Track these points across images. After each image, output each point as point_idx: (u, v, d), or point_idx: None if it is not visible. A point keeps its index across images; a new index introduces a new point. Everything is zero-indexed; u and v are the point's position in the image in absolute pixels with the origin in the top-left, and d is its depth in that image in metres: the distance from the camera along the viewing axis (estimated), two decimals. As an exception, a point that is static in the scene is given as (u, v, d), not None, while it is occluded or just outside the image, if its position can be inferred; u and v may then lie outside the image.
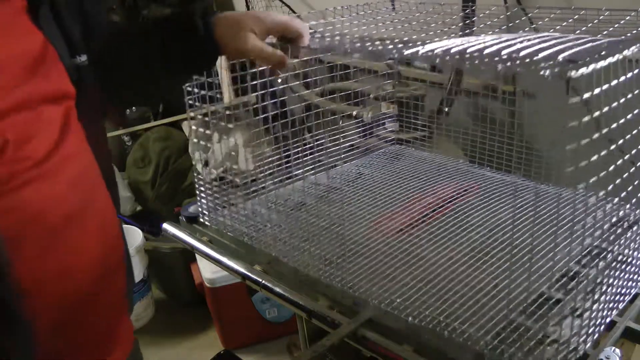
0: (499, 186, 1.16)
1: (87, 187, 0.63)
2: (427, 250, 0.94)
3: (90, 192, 0.63)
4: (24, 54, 0.58)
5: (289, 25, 0.78)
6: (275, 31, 0.77)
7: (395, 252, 0.95)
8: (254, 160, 1.03)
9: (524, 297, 0.82)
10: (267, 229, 1.00)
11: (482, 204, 1.08)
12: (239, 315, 2.09)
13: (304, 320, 1.01)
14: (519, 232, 0.98)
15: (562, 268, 0.89)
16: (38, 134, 0.56)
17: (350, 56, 1.11)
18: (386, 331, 0.82)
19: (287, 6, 2.17)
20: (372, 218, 1.06)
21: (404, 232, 1.01)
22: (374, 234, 1.01)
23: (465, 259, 0.91)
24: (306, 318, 0.92)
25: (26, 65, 0.57)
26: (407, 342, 0.79)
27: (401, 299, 0.83)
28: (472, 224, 1.02)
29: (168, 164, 2.61)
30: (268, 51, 0.75)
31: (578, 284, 0.85)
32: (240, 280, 0.99)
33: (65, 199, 0.58)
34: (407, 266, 0.90)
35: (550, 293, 0.84)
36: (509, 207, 1.07)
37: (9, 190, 0.52)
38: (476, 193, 1.13)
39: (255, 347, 2.12)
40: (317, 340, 0.83)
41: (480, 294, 0.83)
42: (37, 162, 0.55)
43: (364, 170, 1.28)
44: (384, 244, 0.97)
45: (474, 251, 0.93)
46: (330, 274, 0.90)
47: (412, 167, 1.30)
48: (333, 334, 0.83)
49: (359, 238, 0.99)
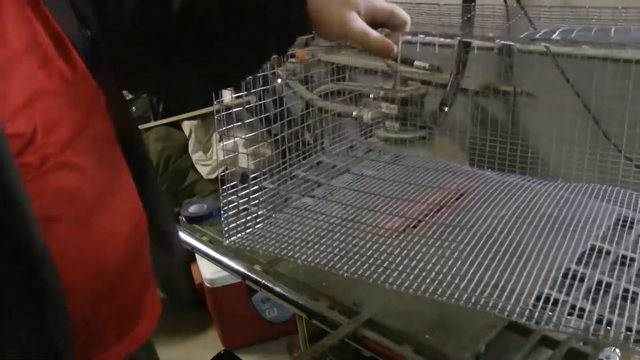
0: (499, 186, 1.16)
1: (114, 164, 0.65)
2: (427, 251, 0.94)
3: (116, 170, 0.65)
4: (38, 43, 0.59)
5: (395, 12, 0.68)
6: (382, 16, 0.68)
7: (395, 252, 0.94)
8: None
9: (524, 298, 0.82)
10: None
11: (482, 204, 1.08)
12: (239, 315, 2.09)
13: (304, 320, 1.02)
14: (519, 232, 0.98)
15: (562, 268, 0.89)
16: (65, 117, 0.58)
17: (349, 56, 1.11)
18: (386, 331, 0.82)
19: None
20: (372, 218, 1.06)
21: (404, 232, 1.01)
22: (373, 234, 1.01)
23: (466, 259, 0.91)
24: (306, 318, 0.92)
25: (44, 51, 0.58)
26: (407, 342, 0.79)
27: (401, 299, 0.83)
28: (472, 224, 1.01)
29: (168, 164, 2.61)
30: (376, 37, 0.64)
31: (578, 284, 0.85)
32: (240, 280, 0.99)
33: (94, 179, 0.60)
34: (407, 266, 0.90)
35: (550, 293, 0.83)
36: (509, 207, 1.07)
37: (41, 174, 0.54)
38: (476, 193, 1.13)
39: (255, 347, 2.12)
40: (317, 340, 0.83)
41: (480, 294, 0.83)
42: (66, 145, 0.57)
43: (363, 170, 1.28)
44: (384, 244, 0.97)
45: (473, 251, 0.93)
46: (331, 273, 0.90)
47: (412, 168, 1.30)
48: (333, 334, 0.83)
49: (359, 238, 0.98)
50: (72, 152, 0.58)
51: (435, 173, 1.23)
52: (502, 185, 1.16)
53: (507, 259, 0.89)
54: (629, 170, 1.09)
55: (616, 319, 0.72)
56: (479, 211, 1.06)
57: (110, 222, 0.61)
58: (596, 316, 0.74)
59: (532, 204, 1.07)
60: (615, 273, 0.86)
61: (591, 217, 1.02)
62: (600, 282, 0.82)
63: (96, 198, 0.60)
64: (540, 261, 0.90)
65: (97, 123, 0.63)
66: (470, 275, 0.81)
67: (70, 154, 0.58)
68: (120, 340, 0.68)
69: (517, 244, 0.94)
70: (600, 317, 0.76)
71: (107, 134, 0.65)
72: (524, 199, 1.09)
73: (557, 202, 1.08)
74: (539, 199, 1.09)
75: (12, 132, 0.51)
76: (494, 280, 0.80)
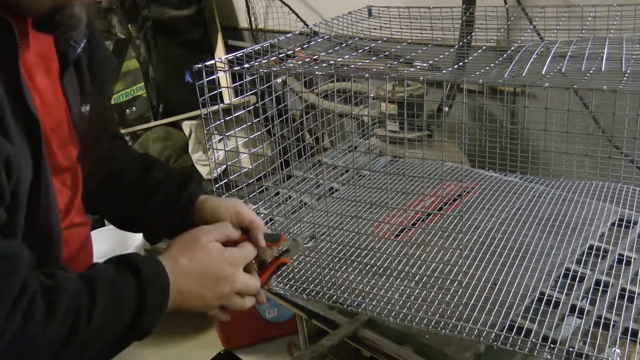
0: (499, 186, 1.16)
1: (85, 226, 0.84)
2: (427, 251, 0.94)
3: (85, 228, 0.83)
4: (64, 119, 0.73)
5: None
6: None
7: (395, 252, 0.95)
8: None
9: (524, 298, 0.82)
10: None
11: (482, 204, 1.09)
12: (239, 315, 2.08)
13: (304, 320, 1.02)
14: (519, 232, 0.98)
15: (562, 268, 0.89)
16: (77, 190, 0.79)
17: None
18: (386, 331, 0.82)
19: (287, 6, 2.18)
20: (372, 219, 1.06)
21: (404, 232, 1.01)
22: (374, 235, 1.01)
23: (466, 259, 0.91)
24: (306, 318, 0.92)
25: (68, 129, 0.74)
26: (407, 342, 0.79)
27: (401, 299, 0.83)
28: (472, 225, 1.02)
29: (168, 164, 2.61)
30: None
31: (578, 284, 0.85)
32: (241, 280, 0.99)
33: (79, 235, 0.80)
34: (407, 267, 0.90)
35: (550, 293, 0.84)
36: (509, 207, 1.08)
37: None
38: (476, 193, 1.13)
39: (255, 347, 2.12)
40: (317, 340, 0.83)
41: (480, 294, 0.83)
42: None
43: (363, 171, 1.28)
44: (384, 244, 0.97)
45: (473, 251, 0.93)
46: (331, 275, 0.91)
47: (412, 168, 1.30)
48: (333, 334, 0.83)
49: (359, 239, 0.99)
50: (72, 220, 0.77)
51: (434, 173, 1.24)
52: (502, 185, 1.16)
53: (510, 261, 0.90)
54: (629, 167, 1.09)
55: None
56: (477, 213, 1.06)
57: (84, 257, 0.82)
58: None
59: (532, 205, 1.08)
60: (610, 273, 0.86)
61: (588, 218, 1.02)
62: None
63: (79, 246, 0.80)
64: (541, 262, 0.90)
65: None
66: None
67: (72, 222, 0.77)
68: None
69: (519, 244, 0.95)
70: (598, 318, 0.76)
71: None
72: (524, 199, 1.10)
73: (555, 203, 1.08)
74: (539, 199, 1.10)
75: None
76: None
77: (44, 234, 0.67)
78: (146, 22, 2.55)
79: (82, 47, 0.73)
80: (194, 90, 0.83)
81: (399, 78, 0.73)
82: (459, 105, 1.51)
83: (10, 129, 0.59)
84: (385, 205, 1.07)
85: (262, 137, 0.95)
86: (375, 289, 0.86)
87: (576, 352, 0.72)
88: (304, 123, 1.07)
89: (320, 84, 1.07)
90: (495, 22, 1.08)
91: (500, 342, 0.74)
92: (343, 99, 1.20)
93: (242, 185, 0.91)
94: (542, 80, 0.66)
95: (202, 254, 0.70)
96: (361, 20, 1.16)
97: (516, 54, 0.86)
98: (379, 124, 1.43)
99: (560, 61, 0.78)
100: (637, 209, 1.05)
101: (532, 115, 1.19)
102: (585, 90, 0.64)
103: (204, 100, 0.82)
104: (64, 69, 0.72)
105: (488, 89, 1.23)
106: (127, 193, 0.85)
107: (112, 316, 0.61)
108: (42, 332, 0.56)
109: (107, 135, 0.89)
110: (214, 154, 1.00)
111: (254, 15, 2.41)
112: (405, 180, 1.18)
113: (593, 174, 1.14)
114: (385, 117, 1.42)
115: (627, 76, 0.68)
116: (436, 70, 0.83)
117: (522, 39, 1.04)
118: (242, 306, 0.74)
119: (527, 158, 1.20)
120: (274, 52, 0.95)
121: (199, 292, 0.70)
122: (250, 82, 0.86)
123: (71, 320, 0.58)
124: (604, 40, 0.90)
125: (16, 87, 0.61)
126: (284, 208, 1.12)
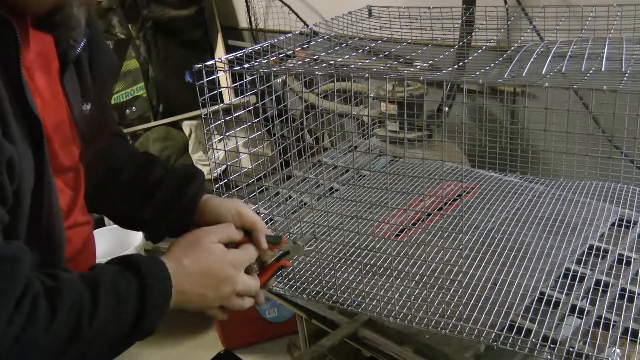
0: (499, 186, 1.16)
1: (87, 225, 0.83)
2: (427, 251, 0.94)
3: (88, 227, 0.83)
4: (65, 119, 0.73)
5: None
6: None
7: (395, 252, 0.95)
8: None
9: (524, 298, 0.82)
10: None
11: (482, 204, 1.09)
12: (239, 315, 2.08)
13: (304, 320, 1.02)
14: (519, 232, 0.98)
15: (562, 268, 0.89)
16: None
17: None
18: (386, 331, 0.82)
19: (287, 6, 2.17)
20: (372, 219, 1.06)
21: (404, 232, 1.01)
22: (374, 235, 1.01)
23: (466, 259, 0.91)
24: (306, 318, 0.92)
25: (70, 129, 0.74)
26: (407, 343, 0.79)
27: (401, 299, 0.83)
28: (472, 225, 1.02)
29: (169, 163, 2.61)
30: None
31: (578, 284, 0.85)
32: (241, 280, 0.99)
33: (81, 234, 0.80)
34: (407, 267, 0.90)
35: (550, 293, 0.84)
36: (509, 207, 1.08)
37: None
38: (476, 193, 1.13)
39: (255, 347, 2.12)
40: (317, 340, 0.83)
41: (480, 294, 0.83)
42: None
43: (363, 171, 1.28)
44: (384, 244, 0.97)
45: (473, 251, 0.93)
46: (331, 275, 0.91)
47: (412, 168, 1.30)
48: (333, 334, 0.83)
49: (359, 239, 0.99)
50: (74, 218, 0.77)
51: (434, 173, 1.23)
52: (502, 185, 1.16)
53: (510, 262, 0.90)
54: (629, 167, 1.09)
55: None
56: (477, 213, 1.06)
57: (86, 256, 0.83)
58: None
59: (532, 205, 1.08)
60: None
61: (588, 218, 1.02)
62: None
63: (82, 244, 0.81)
64: (542, 262, 0.90)
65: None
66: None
67: (74, 220, 0.77)
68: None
69: (519, 244, 0.95)
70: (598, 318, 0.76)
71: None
72: (524, 199, 1.10)
73: (555, 203, 1.08)
74: (539, 199, 1.10)
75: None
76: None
77: (47, 234, 0.67)
78: (146, 22, 2.55)
79: (82, 46, 0.73)
80: (194, 90, 0.83)
81: (399, 78, 0.73)
82: (459, 105, 1.51)
83: (12, 130, 0.59)
84: (385, 205, 1.07)
85: (262, 137, 0.95)
86: (375, 289, 0.86)
87: (576, 352, 0.72)
88: (304, 123, 1.07)
89: (320, 84, 1.07)
90: (495, 22, 1.08)
91: (500, 342, 0.74)
92: (343, 99, 1.19)
93: (242, 185, 0.91)
94: (542, 80, 0.66)
95: (205, 255, 0.70)
96: (361, 20, 1.16)
97: (516, 54, 0.86)
98: (379, 124, 1.43)
99: (560, 61, 0.78)
100: (637, 209, 1.05)
101: (532, 115, 1.19)
102: (585, 90, 0.64)
103: (204, 100, 0.82)
104: (64, 68, 0.72)
105: (488, 89, 1.24)
106: (127, 190, 0.85)
107: (115, 317, 0.61)
108: (44, 334, 0.56)
109: (107, 134, 0.89)
110: (214, 154, 1.00)
111: (254, 15, 2.40)
112: (405, 180, 1.18)
113: (593, 174, 1.14)
114: (385, 117, 1.42)
115: (627, 76, 0.68)
116: (436, 70, 0.83)
117: (522, 39, 1.05)
118: (241, 307, 0.75)
119: (527, 158, 1.20)
120: (274, 52, 0.95)
121: (201, 293, 0.70)
122: (250, 82, 0.86)
123: (73, 322, 0.57)
124: (604, 40, 0.90)
125: (18, 87, 0.61)
126: (284, 208, 1.12)
